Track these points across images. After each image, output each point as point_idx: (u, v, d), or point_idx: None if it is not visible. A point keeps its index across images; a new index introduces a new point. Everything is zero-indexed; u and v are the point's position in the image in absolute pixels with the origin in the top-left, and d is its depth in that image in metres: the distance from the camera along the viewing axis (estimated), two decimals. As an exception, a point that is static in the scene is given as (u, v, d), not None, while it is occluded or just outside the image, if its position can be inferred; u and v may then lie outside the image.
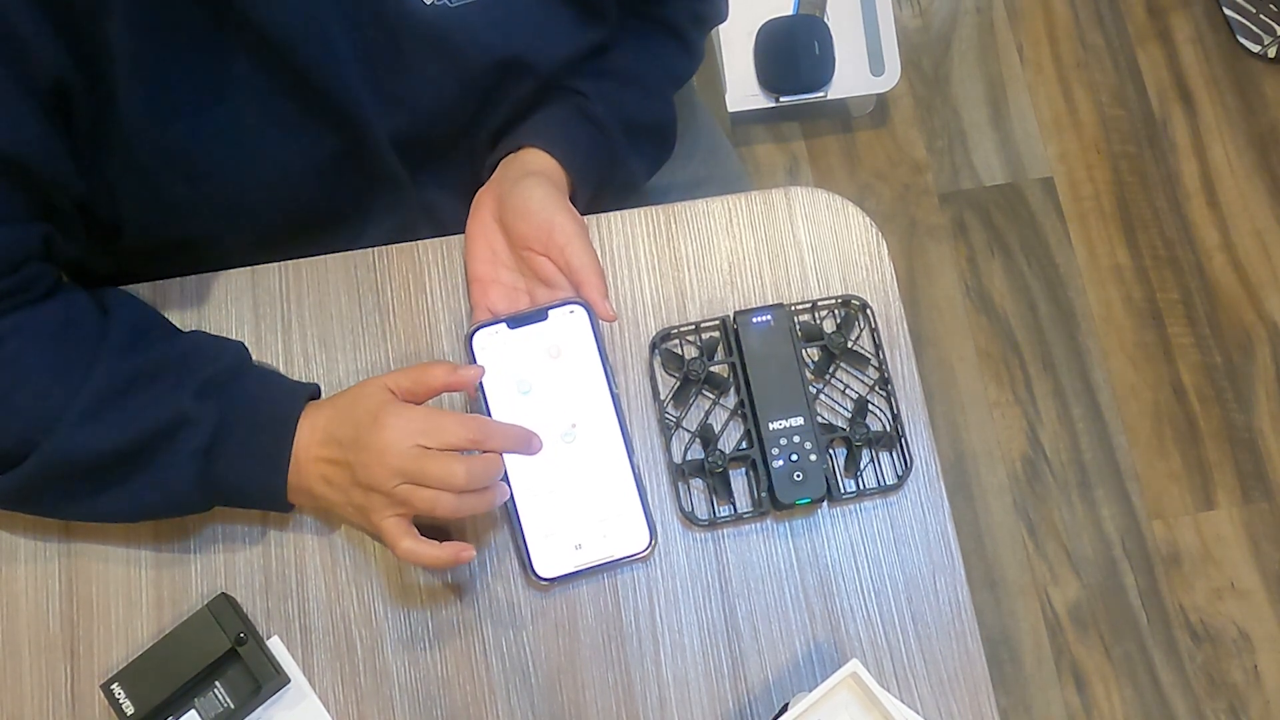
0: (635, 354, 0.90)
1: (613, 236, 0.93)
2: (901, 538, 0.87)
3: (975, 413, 1.77)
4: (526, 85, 0.89)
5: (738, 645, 0.84)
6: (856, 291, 0.92)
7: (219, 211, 0.85)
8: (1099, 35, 1.97)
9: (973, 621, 0.85)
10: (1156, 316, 1.83)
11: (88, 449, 0.76)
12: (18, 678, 0.82)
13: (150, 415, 0.77)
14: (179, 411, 0.77)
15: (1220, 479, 1.76)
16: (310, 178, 0.86)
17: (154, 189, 0.81)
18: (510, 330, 0.85)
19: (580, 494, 0.84)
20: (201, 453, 0.78)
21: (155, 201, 0.82)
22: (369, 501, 0.77)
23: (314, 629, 0.84)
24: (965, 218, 1.87)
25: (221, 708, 0.80)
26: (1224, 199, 1.89)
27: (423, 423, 0.76)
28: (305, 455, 0.79)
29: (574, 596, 0.85)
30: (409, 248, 0.92)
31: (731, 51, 1.75)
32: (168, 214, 0.84)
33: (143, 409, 0.77)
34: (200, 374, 0.79)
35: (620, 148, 0.94)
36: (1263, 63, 1.96)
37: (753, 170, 1.88)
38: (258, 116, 0.80)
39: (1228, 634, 1.69)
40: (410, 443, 0.75)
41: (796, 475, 0.85)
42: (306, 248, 0.91)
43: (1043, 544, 1.72)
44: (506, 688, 0.83)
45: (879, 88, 1.77)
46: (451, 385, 0.79)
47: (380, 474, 0.75)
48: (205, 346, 0.83)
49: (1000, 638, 1.67)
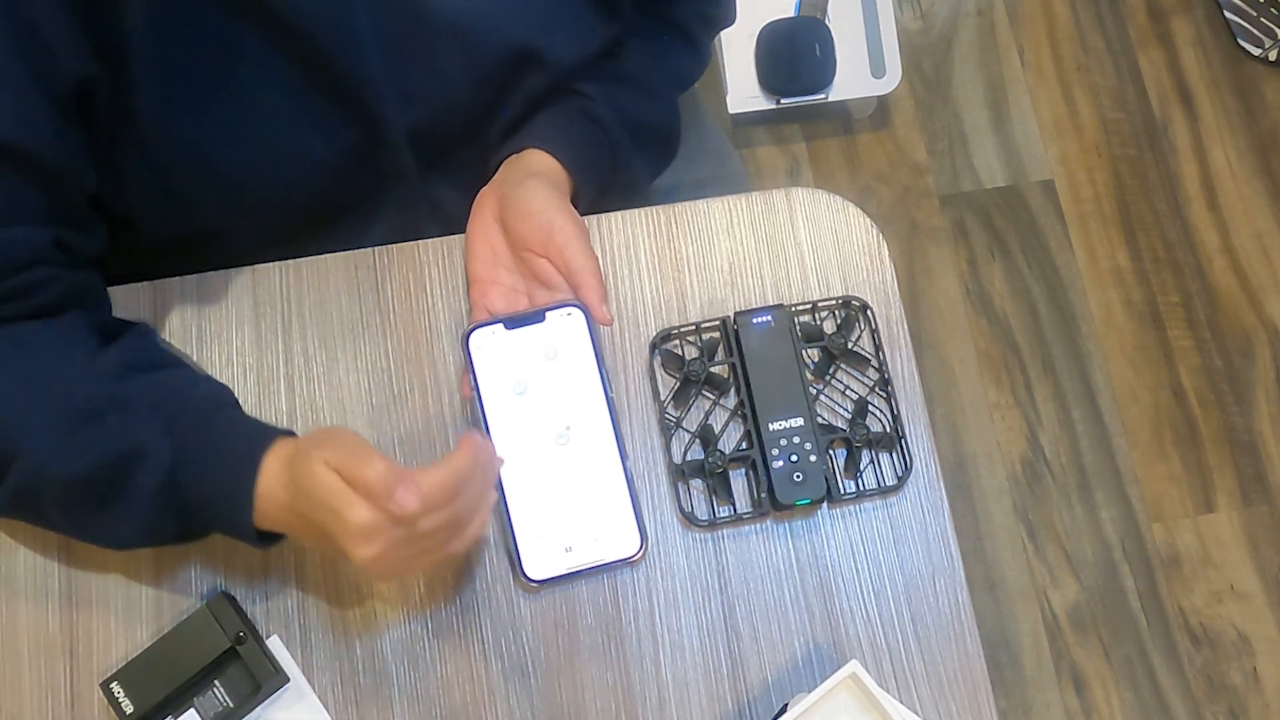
0: (635, 354, 0.90)
1: (613, 236, 0.93)
2: (901, 539, 0.87)
3: (975, 414, 1.77)
4: (540, 80, 0.89)
5: (737, 646, 0.84)
6: (857, 292, 0.92)
7: (230, 205, 0.85)
8: (1100, 38, 1.98)
9: (972, 623, 0.85)
10: (1157, 319, 1.83)
11: (50, 472, 0.75)
12: (17, 676, 0.82)
13: (111, 446, 0.75)
14: (137, 443, 0.74)
15: (1220, 482, 1.76)
16: (324, 171, 0.86)
17: (167, 182, 0.81)
18: (507, 331, 0.85)
19: (572, 496, 0.84)
20: (160, 486, 0.75)
21: (167, 195, 0.82)
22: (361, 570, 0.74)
23: (313, 628, 0.84)
24: (966, 220, 1.87)
25: (221, 707, 0.80)
26: (1224, 202, 1.89)
27: (370, 519, 0.69)
28: (272, 503, 0.74)
29: (573, 597, 0.85)
30: (409, 247, 0.92)
31: (733, 53, 1.75)
32: (179, 207, 0.84)
33: (103, 439, 0.75)
34: (167, 409, 0.76)
35: (624, 150, 0.94)
36: (1264, 66, 1.96)
37: (754, 172, 1.88)
38: (276, 110, 0.80)
39: (1227, 637, 1.69)
40: (388, 562, 0.71)
41: (796, 476, 0.85)
42: (314, 242, 0.91)
43: (1042, 546, 1.72)
44: (506, 688, 0.83)
45: (880, 90, 1.77)
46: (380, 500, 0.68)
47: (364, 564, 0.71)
48: (181, 383, 0.80)
49: (1000, 640, 1.67)
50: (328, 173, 0.86)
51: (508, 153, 0.91)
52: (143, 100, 0.75)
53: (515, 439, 0.84)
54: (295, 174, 0.85)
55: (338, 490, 0.69)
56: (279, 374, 0.89)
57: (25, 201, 0.75)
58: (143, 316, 0.89)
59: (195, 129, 0.79)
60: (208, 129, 0.79)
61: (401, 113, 0.85)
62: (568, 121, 0.92)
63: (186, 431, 0.76)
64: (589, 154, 0.92)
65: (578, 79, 0.92)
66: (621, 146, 0.94)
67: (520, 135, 0.91)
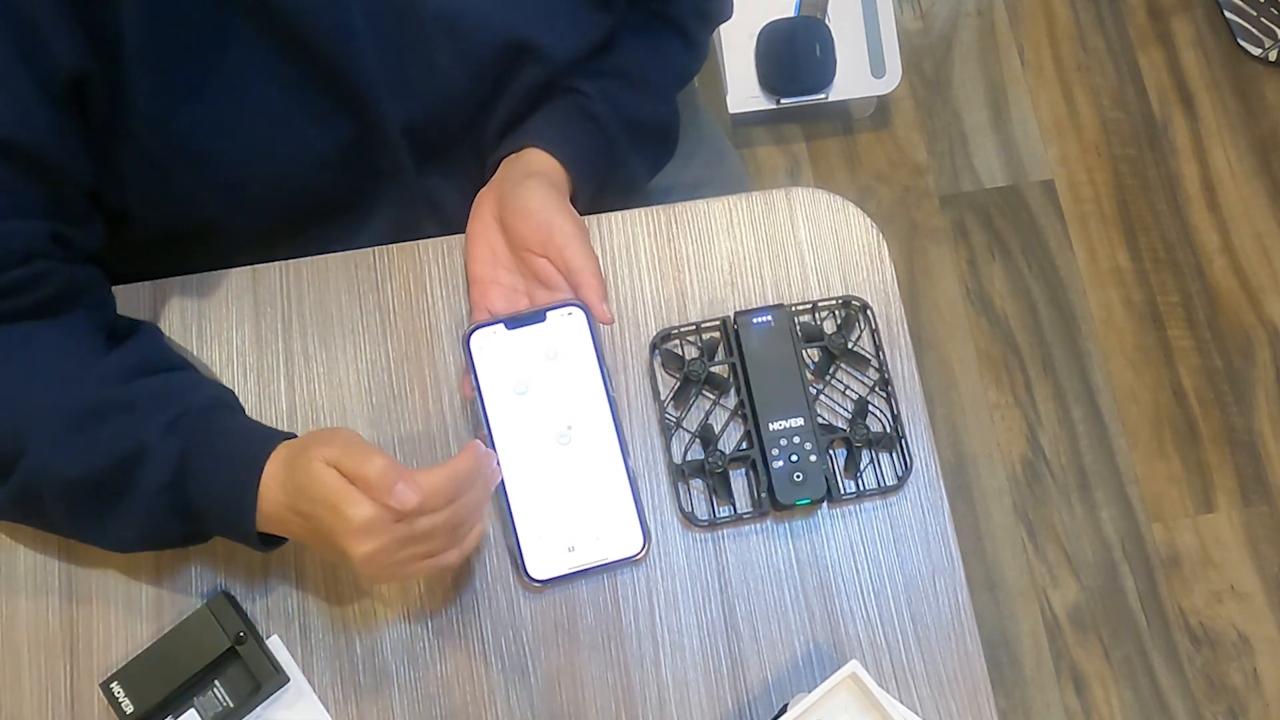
0: (635, 354, 0.90)
1: (613, 236, 0.93)
2: (901, 539, 0.87)
3: (975, 414, 1.77)
4: (535, 74, 0.89)
5: (737, 646, 0.84)
6: (857, 292, 0.92)
7: (227, 200, 0.85)
8: (1100, 38, 1.98)
9: (972, 623, 0.85)
10: (1157, 319, 1.83)
11: (54, 474, 0.75)
12: (17, 676, 0.82)
13: (115, 446, 0.75)
14: (141, 444, 0.75)
15: (1220, 482, 1.76)
16: (319, 166, 0.86)
17: (162, 177, 0.81)
18: (508, 331, 0.85)
19: (574, 496, 0.84)
20: (166, 487, 0.75)
21: (163, 189, 0.82)
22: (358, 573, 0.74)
23: (313, 628, 0.84)
24: (966, 220, 1.87)
25: (221, 706, 0.80)
26: (1224, 202, 1.89)
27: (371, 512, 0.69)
28: (272, 504, 0.74)
29: (573, 597, 0.85)
30: (409, 247, 0.92)
31: (733, 53, 1.75)
32: (176, 203, 0.84)
33: (107, 440, 0.75)
34: (171, 410, 0.76)
35: (622, 148, 0.94)
36: (1264, 66, 1.96)
37: (754, 172, 1.88)
38: (270, 103, 0.80)
39: (1227, 637, 1.69)
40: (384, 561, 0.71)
41: (796, 476, 0.85)
42: (312, 239, 0.91)
43: (1042, 546, 1.72)
44: (505, 687, 0.83)
45: (880, 90, 1.77)
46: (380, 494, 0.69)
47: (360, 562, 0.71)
48: (185, 385, 0.80)
49: (999, 640, 1.67)
50: (324, 168, 0.86)
51: (506, 151, 0.91)
52: (137, 93, 0.75)
53: (517, 439, 0.84)
54: (291, 169, 0.84)
55: (337, 487, 0.69)
56: (279, 374, 0.89)
57: (22, 196, 0.75)
58: (142, 316, 0.89)
59: (189, 122, 0.79)
60: (202, 122, 0.79)
61: (397, 107, 0.85)
62: (565, 120, 0.92)
63: (191, 433, 0.76)
64: (587, 152, 0.92)
65: (574, 76, 0.92)
66: (620, 144, 0.94)
67: (518, 134, 0.91)
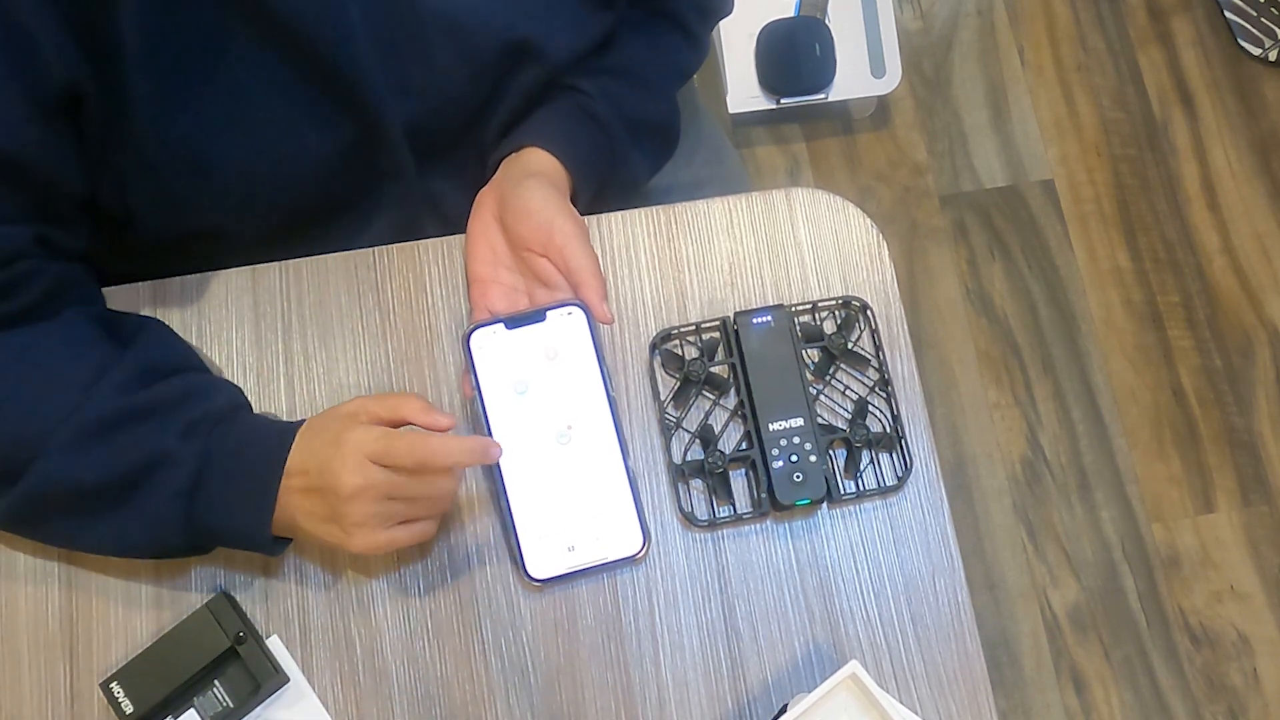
0: (635, 354, 0.90)
1: (613, 236, 0.93)
2: (901, 539, 0.87)
3: (975, 415, 1.77)
4: (535, 73, 0.89)
5: (737, 646, 0.84)
6: (857, 292, 0.92)
7: (228, 204, 0.85)
8: (1100, 38, 1.98)
9: (972, 623, 0.85)
10: (1157, 319, 1.83)
11: (69, 481, 0.75)
12: (17, 676, 0.82)
13: (134, 453, 0.75)
14: (162, 450, 0.76)
15: (1220, 482, 1.76)
16: (322, 168, 0.86)
17: (163, 182, 0.81)
18: (508, 330, 0.85)
19: (574, 496, 0.84)
20: (185, 492, 0.76)
21: (163, 194, 0.82)
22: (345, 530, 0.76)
23: (313, 628, 0.84)
24: (966, 220, 1.87)
25: (221, 706, 0.80)
26: (1224, 202, 1.89)
27: (374, 444, 0.75)
28: (284, 487, 0.77)
29: (573, 596, 0.85)
30: (409, 247, 0.92)
31: (732, 53, 1.75)
32: (177, 207, 0.83)
33: (127, 447, 0.76)
34: (188, 414, 0.77)
35: (622, 146, 0.94)
36: (1264, 66, 1.96)
37: (754, 172, 1.88)
38: (270, 106, 0.80)
39: (1227, 637, 1.69)
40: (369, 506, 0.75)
41: (796, 476, 0.85)
42: (314, 240, 0.91)
43: (1042, 546, 1.72)
44: (505, 687, 0.83)
45: (880, 90, 1.77)
46: (421, 422, 0.77)
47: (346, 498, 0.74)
48: (201, 388, 0.81)
49: (999, 640, 1.67)
50: (326, 170, 0.86)
51: (506, 151, 0.90)
52: (136, 100, 0.75)
53: (517, 439, 0.84)
54: (293, 171, 0.84)
55: (363, 400, 0.78)
56: (279, 374, 0.89)
57: (6, 204, 0.75)
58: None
59: (188, 126, 0.78)
60: (201, 126, 0.79)
61: (397, 107, 0.84)
62: (566, 119, 0.92)
63: (209, 437, 0.77)
64: (588, 151, 0.91)
65: (575, 75, 0.92)
66: (620, 143, 0.94)
67: (518, 133, 0.91)
